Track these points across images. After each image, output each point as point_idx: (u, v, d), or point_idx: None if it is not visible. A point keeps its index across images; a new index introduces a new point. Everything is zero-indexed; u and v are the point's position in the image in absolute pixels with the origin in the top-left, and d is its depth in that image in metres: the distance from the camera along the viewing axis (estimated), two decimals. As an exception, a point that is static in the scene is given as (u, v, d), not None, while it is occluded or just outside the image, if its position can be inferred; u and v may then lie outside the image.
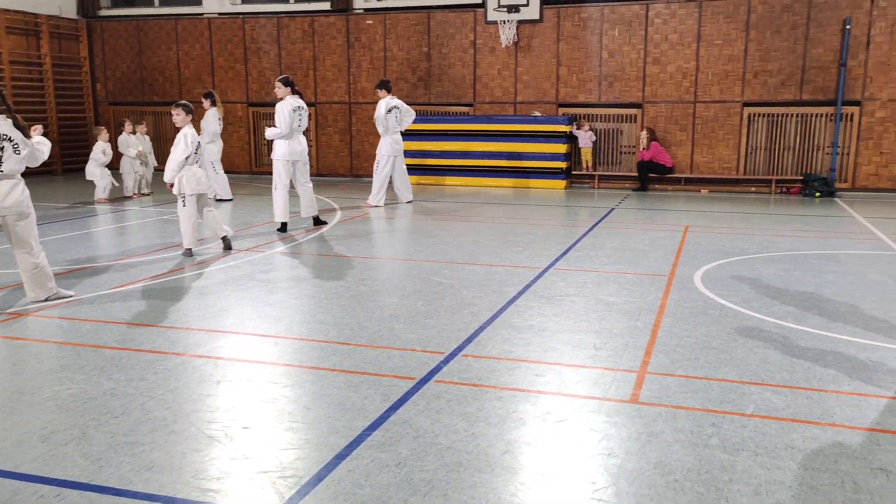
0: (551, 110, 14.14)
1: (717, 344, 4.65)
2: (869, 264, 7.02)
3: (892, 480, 2.92)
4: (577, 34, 13.80)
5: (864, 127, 12.61)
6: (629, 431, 3.37)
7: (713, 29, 13.07)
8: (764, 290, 6.01)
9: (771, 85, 12.93)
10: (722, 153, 13.42)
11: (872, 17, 12.26)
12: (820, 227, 9.37)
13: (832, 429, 3.40)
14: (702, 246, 8.00)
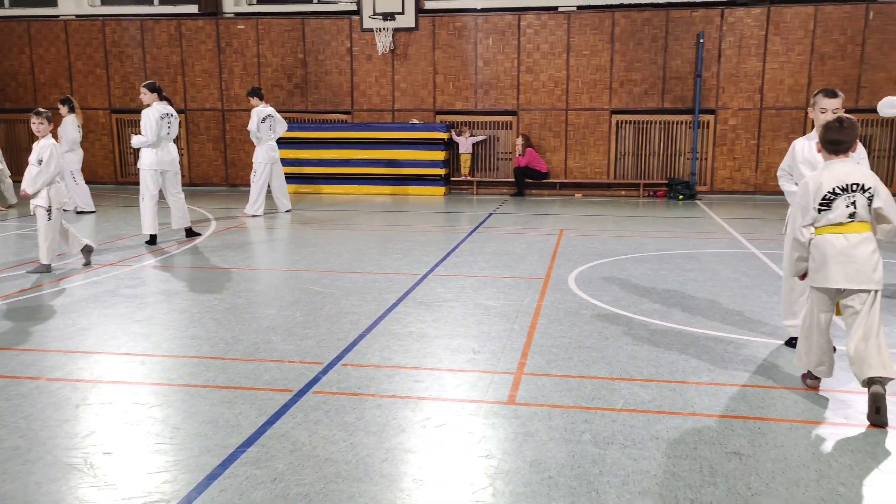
0: (429, 118, 14.27)
1: (590, 343, 4.82)
2: (725, 262, 7.51)
3: (745, 463, 3.12)
4: (452, 43, 14.02)
5: (719, 134, 13.53)
6: (506, 432, 3.43)
7: (581, 40, 13.64)
8: (633, 290, 6.30)
9: (636, 94, 13.63)
10: (593, 159, 14.00)
11: (722, 32, 13.18)
12: (683, 228, 9.95)
13: (692, 418, 3.60)
14: (576, 248, 8.30)
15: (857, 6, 12.73)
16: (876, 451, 3.24)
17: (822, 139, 3.84)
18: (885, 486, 2.94)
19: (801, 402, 3.80)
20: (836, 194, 3.68)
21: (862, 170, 3.77)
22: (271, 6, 14.81)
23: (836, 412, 3.67)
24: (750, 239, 8.84)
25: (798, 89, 13.07)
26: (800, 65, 13.04)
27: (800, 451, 3.24)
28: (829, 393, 3.92)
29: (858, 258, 3.64)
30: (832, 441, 3.34)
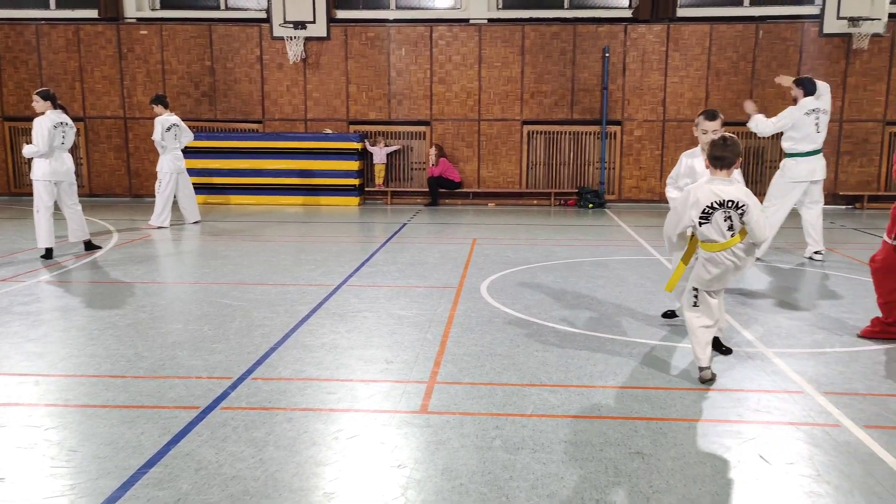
0: (342, 128, 14.19)
1: (501, 350, 4.90)
2: (631, 268, 7.77)
3: (647, 462, 3.24)
4: (365, 53, 14.00)
5: (626, 144, 14.02)
6: (418, 441, 3.44)
7: (492, 52, 13.87)
8: (544, 297, 6.44)
9: (546, 105, 13.97)
10: (506, 168, 14.24)
11: (626, 47, 13.69)
12: (592, 236, 10.24)
13: (599, 421, 3.71)
14: (488, 257, 8.41)
15: (747, 25, 13.47)
16: (766, 447, 3.42)
17: (708, 156, 4.18)
18: (774, 479, 3.10)
19: (699, 401, 3.98)
20: (714, 209, 4.06)
21: (738, 188, 4.10)
22: (176, 12, 14.40)
23: (731, 410, 3.85)
24: (655, 246, 9.19)
25: (697, 102, 13.69)
26: (698, 79, 13.67)
27: (697, 448, 3.39)
28: (724, 392, 4.11)
29: (739, 268, 4.22)
30: (726, 438, 3.50)
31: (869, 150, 13.58)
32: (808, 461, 3.25)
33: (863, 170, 13.66)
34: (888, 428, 3.59)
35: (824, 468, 3.18)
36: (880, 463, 3.22)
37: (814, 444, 3.43)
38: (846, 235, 10.29)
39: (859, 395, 4.03)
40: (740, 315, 5.77)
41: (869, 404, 3.90)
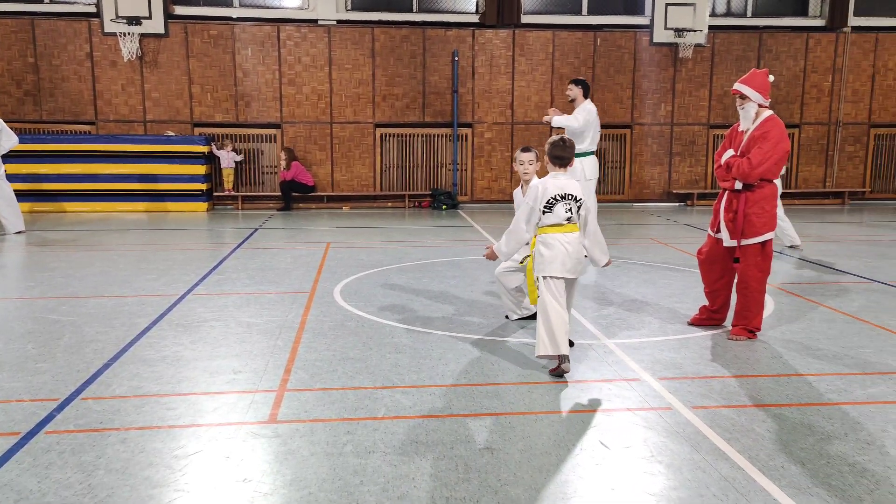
0: (187, 130, 13.55)
1: (354, 354, 4.83)
2: (483, 267, 7.94)
3: (496, 457, 3.30)
4: (208, 51, 13.44)
5: (477, 146, 14.35)
6: (266, 453, 3.32)
7: (343, 54, 13.75)
8: (397, 299, 6.44)
9: (398, 108, 14.03)
10: (360, 171, 14.16)
11: (475, 51, 14.02)
12: (446, 237, 10.38)
13: (451, 419, 3.74)
14: (342, 261, 8.31)
15: (586, 33, 14.20)
16: (607, 433, 3.58)
17: (549, 154, 4.57)
18: (613, 463, 3.25)
19: (546, 394, 4.11)
20: (557, 200, 4.44)
21: (574, 184, 4.55)
22: (-6, 3, 13.19)
23: (575, 400, 4.01)
24: (505, 245, 9.44)
25: (543, 106, 14.25)
26: (543, 83, 14.24)
27: (543, 439, 3.49)
28: (569, 384, 4.27)
29: (575, 255, 4.44)
30: (571, 427, 3.64)
31: (696, 152, 14.70)
32: (643, 443, 3.44)
33: (692, 169, 14.77)
34: (712, 407, 3.87)
35: (657, 449, 3.38)
36: (704, 440, 3.46)
37: (648, 427, 3.64)
38: (678, 231, 11.07)
39: (688, 379, 4.32)
40: (584, 309, 6.04)
41: (696, 386, 4.19)
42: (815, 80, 14.63)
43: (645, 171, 14.64)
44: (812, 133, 14.82)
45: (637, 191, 14.68)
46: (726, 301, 5.41)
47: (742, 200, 5.06)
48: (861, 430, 3.56)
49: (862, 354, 4.76)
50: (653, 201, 14.70)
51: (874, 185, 15.10)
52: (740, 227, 5.06)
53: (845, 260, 8.31)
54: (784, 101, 14.50)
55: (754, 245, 5.06)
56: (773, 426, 3.62)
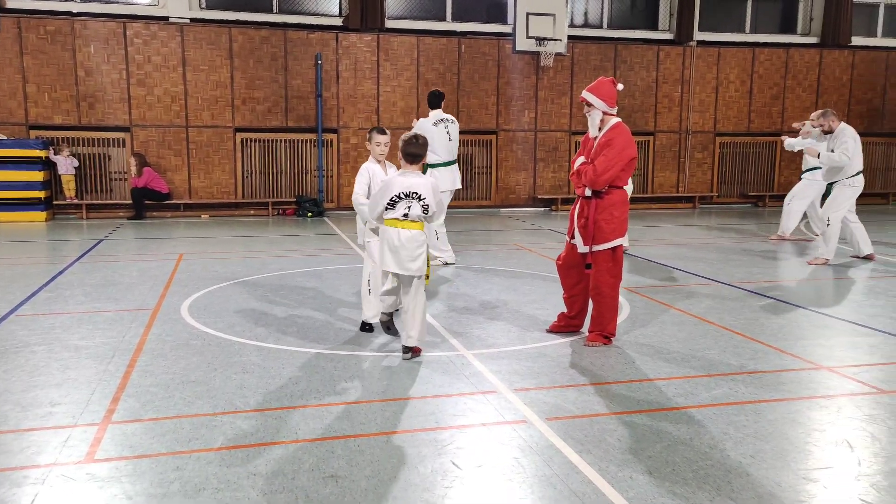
0: (21, 133, 12.40)
1: (196, 376, 4.46)
2: (344, 277, 7.68)
3: (341, 485, 3.07)
4: (44, 48, 12.37)
5: (343, 152, 14.04)
6: (76, 500, 2.92)
7: (198, 54, 13.06)
8: (250, 314, 6.06)
9: (259, 112, 13.48)
10: (220, 178, 13.49)
11: (338, 55, 13.72)
12: (309, 246, 10.01)
13: (294, 445, 3.47)
14: (195, 273, 7.80)
15: (451, 39, 14.24)
16: (459, 452, 3.43)
17: (402, 151, 4.73)
18: (464, 484, 3.11)
19: (400, 411, 3.92)
20: (401, 198, 4.63)
21: (425, 181, 4.73)
22: None
23: (429, 417, 3.84)
24: (369, 253, 9.22)
25: (409, 111, 14.15)
26: (409, 89, 14.14)
27: (393, 463, 3.29)
28: (423, 400, 4.11)
29: (405, 252, 4.63)
30: (423, 447, 3.46)
31: (559, 158, 15.08)
32: (496, 461, 3.32)
33: (555, 175, 15.13)
34: (565, 418, 3.82)
35: (509, 466, 3.26)
36: (557, 454, 3.39)
37: (502, 443, 3.52)
38: (542, 236, 11.25)
39: (544, 389, 4.27)
40: (446, 318, 5.91)
41: (551, 397, 4.14)
42: (667, 90, 15.39)
43: (511, 176, 14.85)
44: (665, 140, 15.57)
45: (503, 196, 14.87)
46: (584, 307, 5.45)
47: (592, 207, 5.10)
48: (705, 434, 3.60)
49: (708, 355, 4.90)
50: (519, 206, 14.94)
51: (721, 189, 16.06)
52: (591, 234, 5.10)
53: (694, 262, 8.70)
54: (639, 110, 15.16)
55: (605, 251, 5.11)
56: (623, 434, 3.60)
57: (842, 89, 16.14)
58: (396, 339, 5.22)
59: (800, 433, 3.63)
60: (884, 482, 3.12)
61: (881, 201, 16.63)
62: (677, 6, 15.22)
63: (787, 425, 3.72)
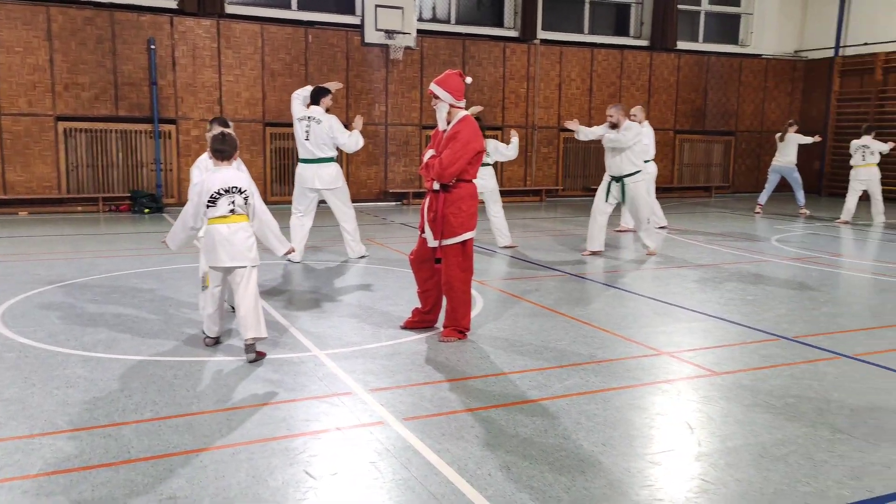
0: None
1: (10, 394, 3.96)
2: (185, 278, 7.19)
3: (180, 509, 2.80)
4: None
5: (183, 145, 13.23)
6: None
7: (11, 35, 11.80)
8: (77, 320, 5.51)
9: (85, 99, 12.41)
10: (41, 171, 12.29)
11: (174, 40, 12.89)
12: (146, 244, 9.32)
13: (126, 466, 3.14)
14: (12, 277, 7.01)
15: (297, 29, 13.79)
16: (313, 460, 3.25)
17: (211, 148, 4.76)
18: (319, 494, 2.93)
19: (246, 420, 3.66)
20: (221, 195, 4.60)
21: (243, 176, 4.77)
22: None
23: (280, 425, 3.62)
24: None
25: (255, 103, 13.58)
26: (253, 79, 13.56)
27: (240, 477, 3.06)
28: (274, 406, 3.87)
29: (237, 242, 4.60)
30: (274, 458, 3.24)
31: (410, 152, 15.06)
32: (352, 467, 3.17)
33: (406, 169, 15.11)
34: (423, 417, 3.73)
35: (366, 471, 3.13)
36: (416, 455, 3.29)
37: (358, 447, 3.38)
38: (395, 230, 11.17)
39: (400, 388, 4.16)
40: (295, 318, 5.67)
41: (408, 396, 4.04)
42: (513, 86, 15.79)
43: (362, 170, 14.65)
44: (511, 136, 16.00)
45: (354, 190, 14.56)
46: (437, 302, 5.39)
47: (440, 201, 5.05)
48: (559, 426, 3.64)
49: (559, 346, 5.00)
50: (370, 201, 14.77)
51: (565, 183, 16.72)
52: (440, 228, 5.06)
53: (543, 254, 8.94)
54: (488, 105, 15.44)
55: (454, 245, 5.08)
56: (481, 431, 3.57)
57: (670, 90, 17.29)
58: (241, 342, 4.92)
59: (644, 419, 3.76)
60: (721, 461, 3.28)
61: (704, 194, 18.00)
62: (521, 5, 15.65)
63: (633, 412, 3.85)
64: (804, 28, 18.62)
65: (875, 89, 16.73)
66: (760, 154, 18.32)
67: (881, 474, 3.16)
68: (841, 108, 17.66)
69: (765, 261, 8.53)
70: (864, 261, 8.83)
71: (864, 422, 3.74)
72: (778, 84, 18.48)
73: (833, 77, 17.65)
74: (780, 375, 4.41)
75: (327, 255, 8.62)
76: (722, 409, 3.88)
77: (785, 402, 3.97)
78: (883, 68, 16.59)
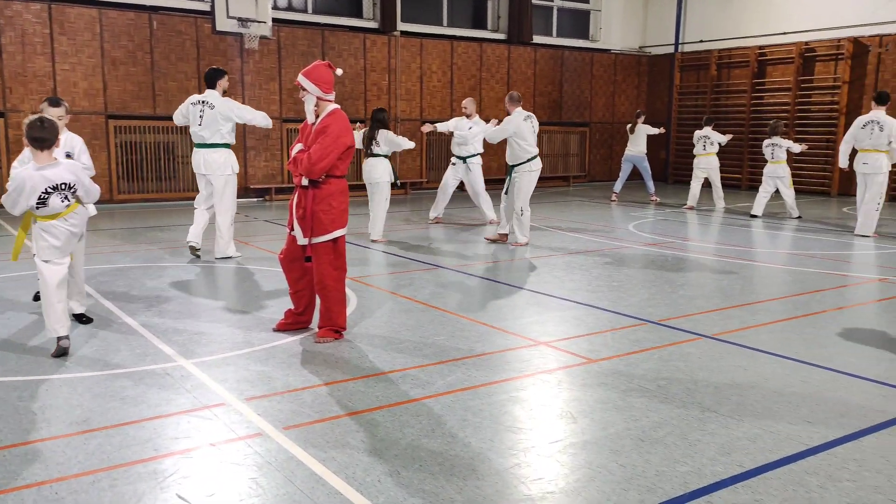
0: None
1: None
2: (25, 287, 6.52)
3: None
4: None
5: (13, 139, 12.05)
6: None
7: None
8: None
9: None
10: None
11: (0, 25, 11.69)
12: (-27, 251, 8.40)
13: (-34, 509, 2.76)
14: None
15: (140, 14, 12.90)
16: (186, 482, 3.00)
17: (27, 136, 4.38)
18: (197, 520, 2.71)
19: (106, 443, 3.32)
20: (50, 193, 4.42)
21: (66, 168, 4.52)
22: None
23: (146, 445, 3.32)
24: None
25: (94, 93, 12.58)
26: (92, 68, 12.56)
27: (104, 510, 2.76)
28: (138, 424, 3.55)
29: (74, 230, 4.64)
30: (140, 483, 2.96)
31: (271, 146, 14.54)
32: (230, 485, 2.95)
33: (268, 164, 14.58)
34: (305, 425, 3.55)
35: (246, 489, 2.92)
36: (299, 466, 3.12)
37: (236, 462, 3.16)
38: (258, 228, 10.73)
39: (278, 395, 3.95)
40: (156, 327, 5.27)
41: (287, 402, 3.84)
42: (375, 78, 15.61)
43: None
44: (374, 128, 15.82)
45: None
46: (311, 302, 5.19)
47: (310, 197, 4.86)
48: (445, 425, 3.58)
49: (438, 341, 4.95)
50: (229, 197, 14.12)
51: (430, 175, 16.77)
52: (310, 225, 4.87)
53: (413, 249, 8.89)
54: (350, 98, 15.18)
55: (326, 243, 4.91)
56: (366, 436, 3.44)
57: (527, 82, 17.76)
58: (100, 356, 4.51)
59: (528, 411, 3.78)
60: (605, 448, 3.34)
61: (562, 184, 18.68)
62: (380, -4, 15.49)
63: (517, 404, 3.86)
64: (646, 25, 19.73)
65: (711, 84, 17.99)
66: (613, 144, 19.25)
67: (748, 448, 3.34)
68: (682, 101, 18.87)
69: (625, 247, 8.93)
70: (709, 244, 9.45)
71: (727, 398, 3.95)
72: (626, 78, 19.47)
73: (674, 72, 18.82)
74: (650, 359, 4.59)
75: (184, 255, 8.12)
76: (601, 396, 3.97)
77: (657, 385, 4.13)
78: (717, 64, 17.87)
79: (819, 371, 4.40)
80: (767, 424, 3.60)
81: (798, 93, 16.18)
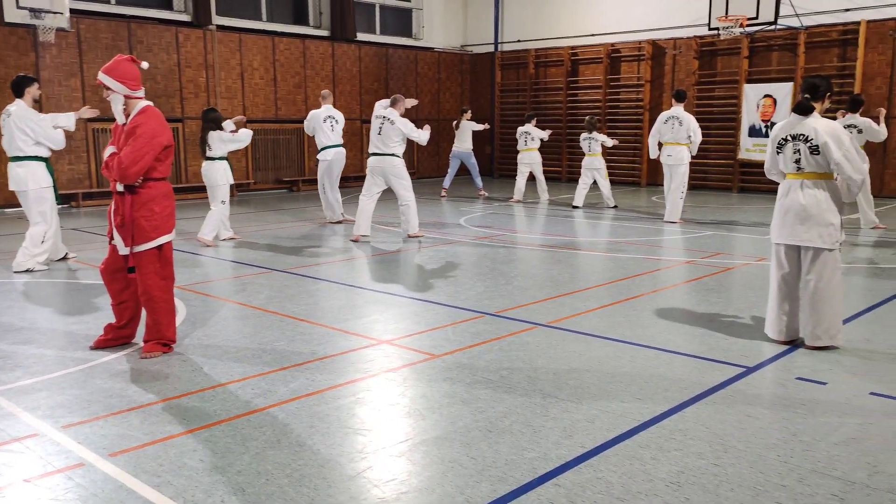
0: None
1: None
2: None
3: None
4: None
5: None
6: None
7: None
8: None
9: None
10: None
11: None
12: None
13: None
14: None
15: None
16: None
17: None
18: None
19: None
20: None
21: None
22: None
23: (-57, 492, 2.89)
24: None
25: None
26: None
27: None
28: (-68, 467, 3.09)
29: None
30: (-61, 537, 2.58)
31: (75, 148, 13.35)
32: (52, 528, 2.64)
33: (72, 167, 13.38)
34: (133, 449, 3.26)
35: (72, 530, 2.63)
36: (131, 495, 2.85)
37: (56, 498, 2.83)
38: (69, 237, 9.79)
39: (100, 419, 3.60)
40: (-53, 353, 4.64)
41: (111, 426, 3.51)
42: (191, 74, 14.79)
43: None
44: (195, 127, 14.94)
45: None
46: (135, 315, 4.80)
47: (128, 203, 4.50)
48: (291, 432, 3.44)
49: (278, 347, 4.75)
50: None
51: (256, 176, 16.18)
52: (130, 233, 4.50)
53: (244, 252, 8.52)
54: (164, 95, 14.27)
55: (150, 251, 4.56)
56: (205, 454, 3.22)
57: (353, 80, 17.64)
58: None
59: (377, 411, 3.72)
60: (455, 441, 3.36)
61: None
62: (192, -12, 14.70)
63: (364, 406, 3.79)
64: (467, 24, 20.28)
65: (530, 81, 18.83)
66: (439, 141, 19.59)
67: (588, 429, 3.49)
68: (504, 98, 19.59)
69: (458, 241, 9.10)
70: (536, 235, 9.88)
71: (566, 383, 4.12)
72: (450, 75, 19.90)
73: (495, 70, 19.50)
74: (491, 350, 4.69)
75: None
76: (447, 391, 3.99)
77: (500, 376, 4.22)
78: (535, 63, 18.74)
79: (644, 350, 4.71)
80: (603, 405, 3.79)
81: (608, 90, 17.35)
